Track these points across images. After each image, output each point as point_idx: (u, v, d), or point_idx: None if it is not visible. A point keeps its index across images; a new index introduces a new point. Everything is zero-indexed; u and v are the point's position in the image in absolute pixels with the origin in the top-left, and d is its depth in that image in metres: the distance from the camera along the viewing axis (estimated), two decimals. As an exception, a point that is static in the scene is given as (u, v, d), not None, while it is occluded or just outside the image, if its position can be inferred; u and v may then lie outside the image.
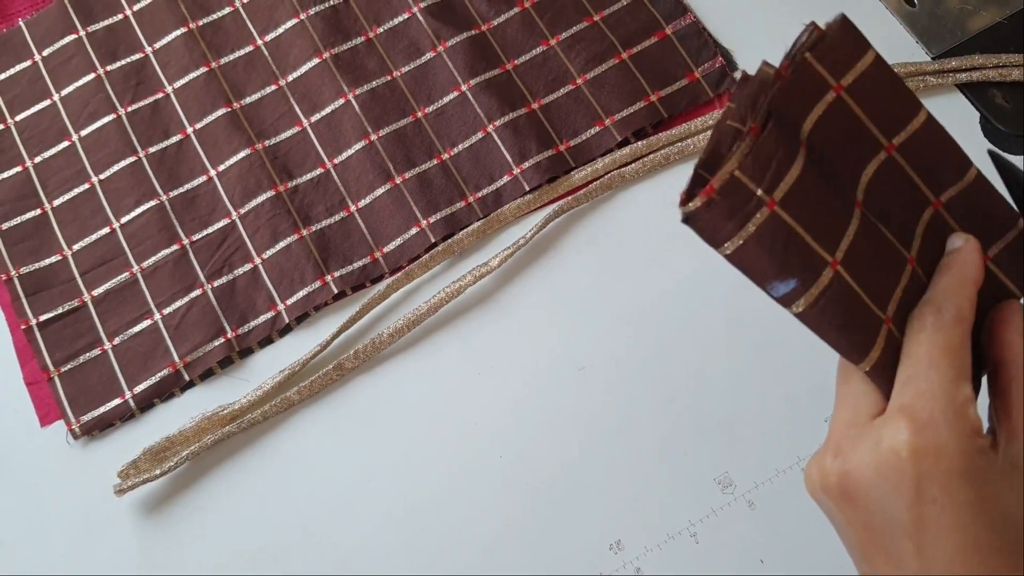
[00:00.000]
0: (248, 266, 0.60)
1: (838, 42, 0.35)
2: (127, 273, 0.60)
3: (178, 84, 0.64)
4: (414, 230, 0.60)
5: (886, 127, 0.36)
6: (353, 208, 0.61)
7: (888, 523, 0.32)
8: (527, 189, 0.60)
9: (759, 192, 0.31)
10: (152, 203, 0.61)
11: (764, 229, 0.32)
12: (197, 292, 0.59)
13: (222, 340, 0.58)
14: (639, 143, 0.61)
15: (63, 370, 0.58)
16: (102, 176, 0.62)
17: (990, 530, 0.31)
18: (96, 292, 0.59)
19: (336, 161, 0.62)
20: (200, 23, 0.66)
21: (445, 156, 0.62)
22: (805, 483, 0.36)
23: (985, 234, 0.37)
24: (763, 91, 0.33)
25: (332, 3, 0.65)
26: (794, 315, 0.33)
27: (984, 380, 0.36)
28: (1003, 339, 0.35)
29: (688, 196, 0.32)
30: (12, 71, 0.66)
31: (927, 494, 0.31)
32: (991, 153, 0.38)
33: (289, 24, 0.65)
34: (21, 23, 0.67)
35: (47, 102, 0.65)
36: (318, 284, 0.59)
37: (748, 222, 0.31)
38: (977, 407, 0.33)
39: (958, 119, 0.61)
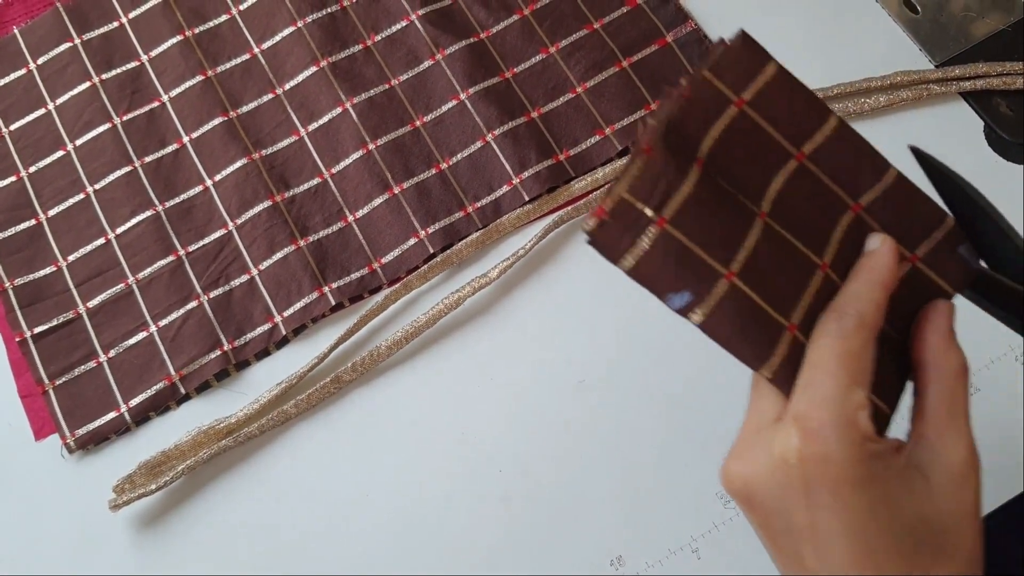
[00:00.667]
0: (245, 277, 0.59)
1: (737, 57, 0.36)
2: (122, 284, 0.59)
3: (174, 92, 0.64)
4: (412, 240, 0.59)
5: (794, 136, 0.36)
6: (351, 218, 0.60)
7: (787, 527, 0.33)
8: (527, 199, 0.59)
9: (648, 212, 0.33)
10: (148, 213, 0.60)
11: (656, 246, 0.33)
12: (193, 304, 0.58)
13: (218, 353, 0.57)
14: (640, 152, 0.60)
15: (58, 383, 0.57)
16: (97, 186, 0.62)
17: (883, 534, 0.32)
18: (91, 304, 0.59)
19: (334, 171, 0.61)
20: (196, 31, 0.65)
21: (444, 165, 0.61)
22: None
23: (912, 235, 0.37)
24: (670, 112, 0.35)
25: (330, 11, 0.65)
26: (695, 325, 0.34)
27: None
28: (923, 339, 0.35)
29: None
30: (6, 80, 0.65)
31: (818, 500, 0.32)
32: (913, 150, 0.37)
33: (286, 32, 0.65)
34: (16, 31, 0.66)
35: (42, 111, 0.64)
36: (315, 295, 0.58)
37: (640, 240, 0.33)
38: (870, 413, 0.32)
39: (961, 128, 0.60)
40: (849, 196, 0.37)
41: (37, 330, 0.58)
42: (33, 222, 0.61)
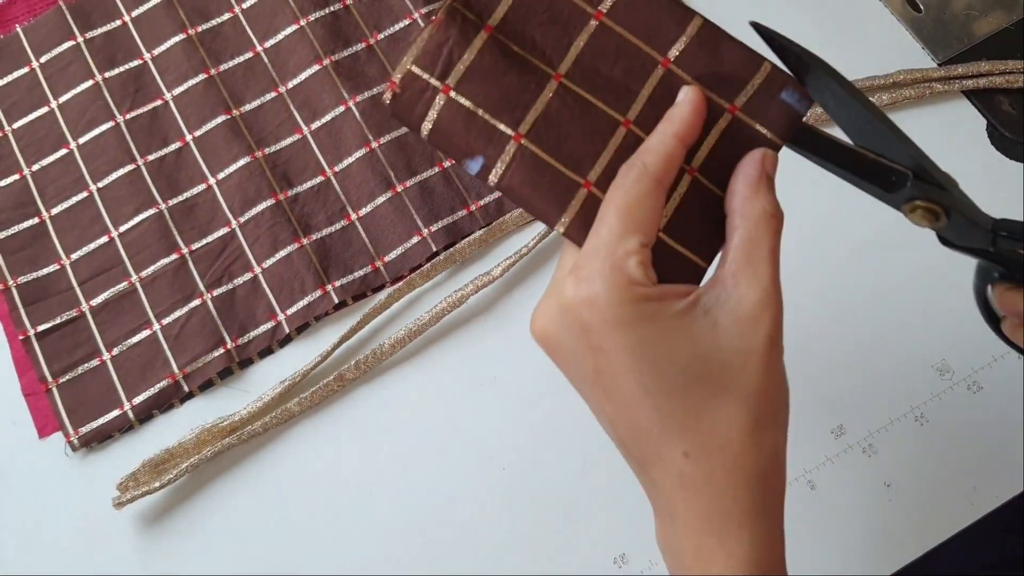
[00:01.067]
0: (248, 275, 0.59)
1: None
2: (126, 282, 0.59)
3: (177, 91, 0.64)
4: (415, 239, 0.59)
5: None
6: (354, 216, 0.60)
7: (580, 372, 0.35)
8: (529, 197, 0.59)
9: (433, 81, 0.36)
10: (151, 211, 0.60)
11: (444, 112, 0.36)
12: (196, 302, 0.58)
13: (222, 351, 0.57)
14: (642, 151, 0.60)
15: (61, 381, 0.57)
16: (100, 184, 0.62)
17: (655, 373, 0.33)
18: (95, 302, 0.59)
19: (337, 169, 0.61)
20: (199, 29, 0.65)
21: (447, 164, 0.61)
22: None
23: (729, 85, 0.37)
24: None
25: (332, 9, 0.65)
26: (494, 187, 0.36)
27: None
28: (732, 188, 0.36)
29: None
30: (9, 78, 0.65)
31: (592, 343, 0.33)
32: (753, 25, 0.37)
33: (289, 30, 0.65)
34: (19, 29, 0.66)
35: (45, 109, 0.64)
36: (319, 293, 0.58)
37: (430, 108, 0.36)
38: (641, 259, 0.33)
39: (964, 126, 0.60)
40: (656, 51, 0.37)
41: (40, 328, 0.58)
42: (36, 220, 0.61)
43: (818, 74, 0.36)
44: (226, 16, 0.66)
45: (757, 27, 0.37)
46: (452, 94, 0.36)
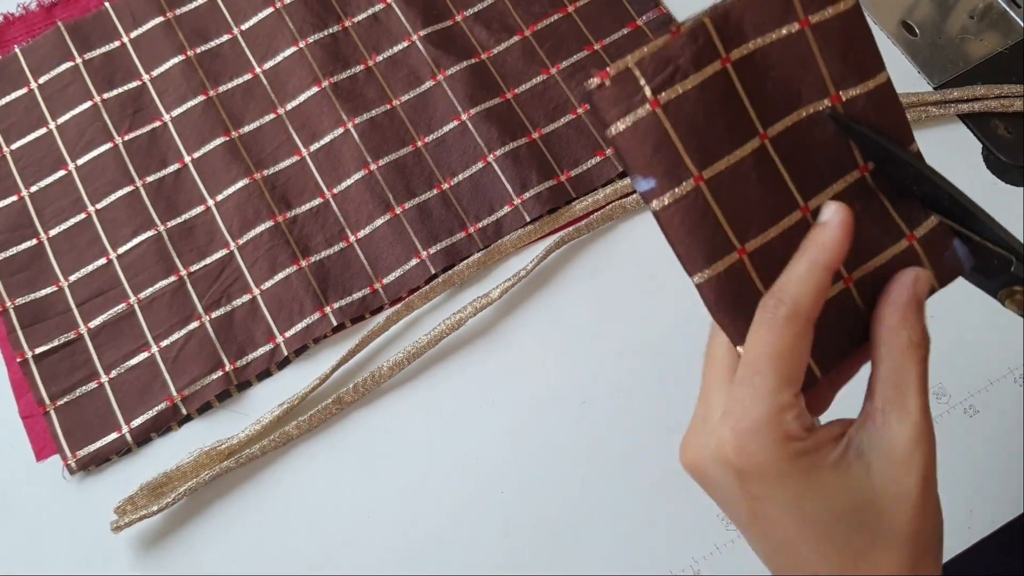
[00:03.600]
0: (246, 297, 0.59)
1: None
2: (124, 304, 0.59)
3: (176, 112, 0.64)
4: (414, 261, 0.59)
5: (839, 77, 0.36)
6: (352, 239, 0.60)
7: (736, 512, 0.35)
8: (528, 220, 0.60)
9: (646, 89, 0.34)
10: (149, 233, 0.60)
11: (641, 123, 0.34)
12: (195, 324, 0.58)
13: (220, 373, 0.57)
14: (640, 173, 0.61)
15: (59, 404, 0.57)
16: (99, 206, 0.62)
17: (812, 523, 0.33)
18: (93, 324, 0.59)
19: (335, 191, 0.61)
20: (198, 51, 0.65)
21: (445, 186, 0.61)
22: None
23: (914, 215, 0.37)
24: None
25: (331, 31, 0.65)
26: (652, 212, 0.35)
27: None
28: (879, 314, 0.35)
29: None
30: (8, 99, 0.65)
31: (749, 491, 0.34)
32: (832, 116, 0.36)
33: (288, 52, 0.65)
34: (17, 50, 0.66)
35: (43, 130, 0.64)
36: (317, 316, 0.58)
37: (630, 113, 0.34)
38: (797, 412, 0.33)
39: (960, 150, 0.61)
40: (861, 158, 0.37)
41: (38, 350, 0.58)
42: (34, 242, 0.61)
43: (905, 162, 0.36)
44: (225, 38, 0.66)
45: (835, 118, 0.36)
46: (658, 110, 0.34)
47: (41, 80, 0.65)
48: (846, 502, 0.33)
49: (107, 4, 0.67)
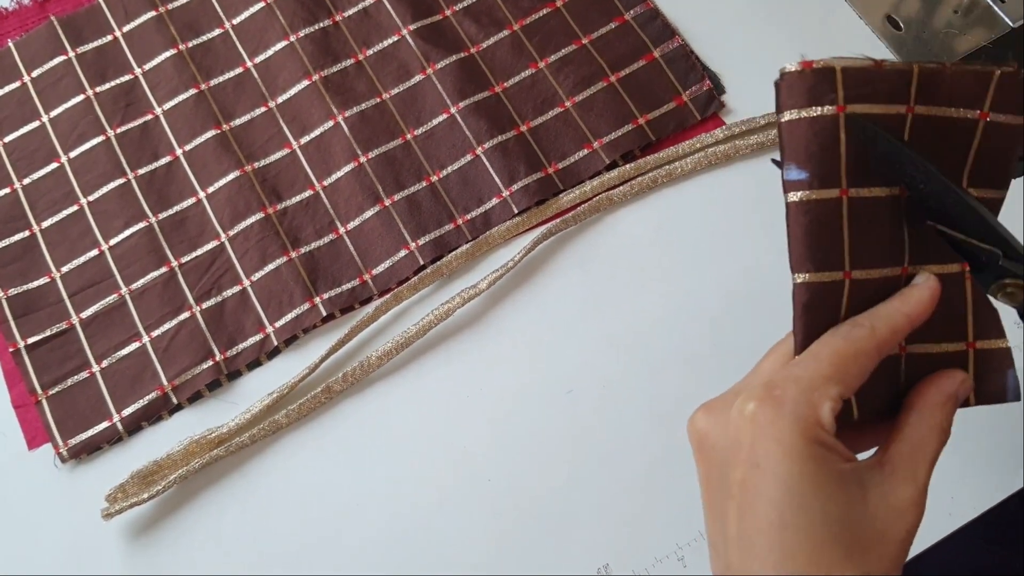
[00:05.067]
0: (237, 288, 0.60)
1: (1014, 88, 0.37)
2: (115, 295, 0.60)
3: (167, 106, 0.64)
4: (403, 252, 0.60)
5: (976, 173, 0.38)
6: (342, 230, 0.61)
7: (723, 482, 0.35)
8: (516, 211, 0.60)
9: (839, 93, 0.35)
10: (141, 225, 0.61)
11: (819, 122, 0.35)
12: (186, 314, 0.59)
13: (210, 363, 0.58)
14: (627, 166, 0.61)
15: (51, 393, 0.57)
16: (91, 198, 0.62)
17: (800, 511, 0.33)
18: (84, 314, 0.59)
19: (325, 183, 0.62)
20: (190, 45, 0.66)
21: (434, 178, 0.62)
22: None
23: (995, 324, 0.39)
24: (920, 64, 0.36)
25: (322, 25, 0.66)
26: (785, 203, 0.36)
27: None
28: (923, 389, 0.37)
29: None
30: (1, 92, 0.66)
31: (752, 457, 0.34)
32: (845, 116, 0.38)
33: (279, 46, 0.65)
34: (10, 44, 0.67)
35: (36, 123, 0.65)
36: (307, 306, 0.59)
37: (812, 108, 0.35)
38: (835, 406, 0.34)
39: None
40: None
41: (30, 341, 0.59)
42: (27, 233, 0.62)
43: (903, 156, 0.37)
44: (216, 32, 0.67)
45: (849, 119, 0.37)
46: (841, 116, 0.35)
47: (34, 74, 0.66)
48: (839, 510, 0.34)
49: (100, -1, 0.68)
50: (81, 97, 0.65)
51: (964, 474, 0.54)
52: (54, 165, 0.63)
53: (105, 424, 0.57)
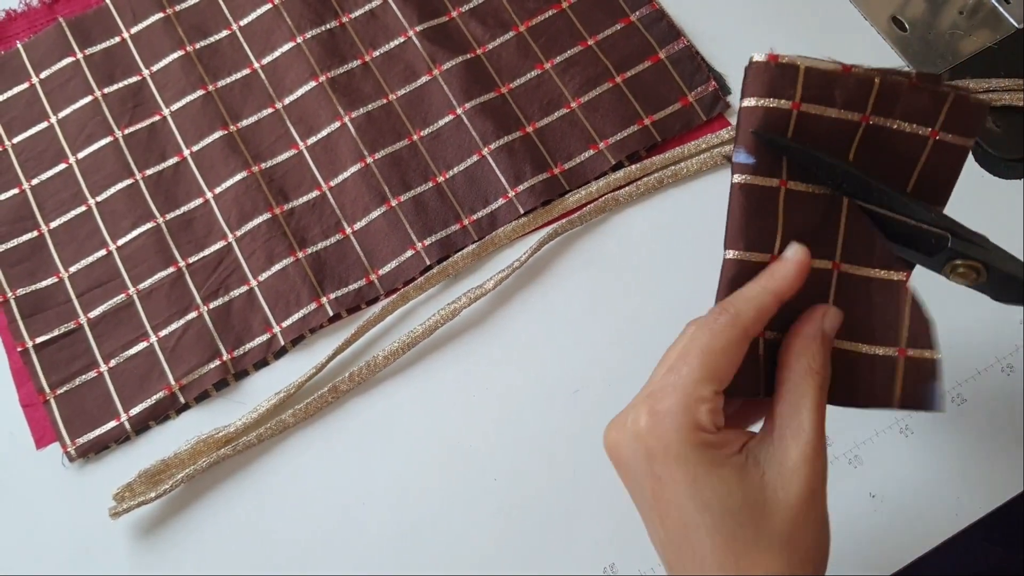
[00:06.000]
0: (244, 288, 0.60)
1: (966, 111, 0.39)
2: (123, 295, 0.60)
3: (175, 107, 0.65)
4: (409, 252, 0.60)
5: (919, 188, 0.40)
6: (349, 231, 0.61)
7: (641, 494, 0.37)
8: (522, 212, 0.60)
9: (798, 91, 0.37)
10: (149, 225, 0.61)
11: (774, 113, 0.38)
12: (193, 314, 0.59)
13: (218, 362, 0.58)
14: (633, 166, 0.61)
15: (59, 392, 0.58)
16: (99, 198, 0.62)
17: (705, 511, 0.35)
18: (92, 314, 0.59)
19: (332, 184, 0.62)
20: (197, 46, 0.66)
21: (440, 179, 0.62)
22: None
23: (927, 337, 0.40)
24: (895, 74, 0.38)
25: (328, 27, 0.66)
26: (731, 183, 0.39)
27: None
28: (787, 342, 0.39)
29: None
30: (10, 93, 0.66)
31: (654, 471, 0.36)
32: (755, 134, 0.39)
33: (286, 47, 0.66)
34: (19, 45, 0.67)
35: (44, 124, 0.65)
36: (313, 306, 0.59)
37: (772, 99, 0.38)
38: (712, 406, 0.36)
39: (949, 143, 0.61)
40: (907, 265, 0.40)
41: (39, 340, 0.59)
42: (35, 233, 0.62)
43: (827, 165, 0.39)
44: (224, 33, 0.67)
45: (758, 135, 0.39)
46: (795, 113, 0.38)
47: (42, 75, 0.66)
48: (739, 497, 0.35)
49: (107, 0, 0.68)
50: (89, 98, 0.65)
51: (969, 476, 0.54)
52: (62, 166, 0.64)
53: (113, 423, 0.57)
